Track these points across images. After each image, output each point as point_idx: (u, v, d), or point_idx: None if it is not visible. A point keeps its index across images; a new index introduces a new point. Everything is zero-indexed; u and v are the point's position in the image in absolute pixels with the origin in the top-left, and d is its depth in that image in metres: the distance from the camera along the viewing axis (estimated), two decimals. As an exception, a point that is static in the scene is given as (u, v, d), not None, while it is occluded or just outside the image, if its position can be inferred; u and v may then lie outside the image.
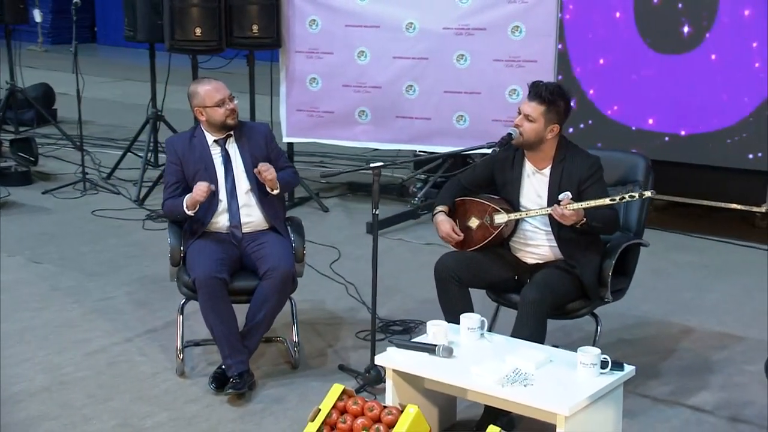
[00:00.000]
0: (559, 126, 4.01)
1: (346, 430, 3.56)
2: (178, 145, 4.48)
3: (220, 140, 4.46)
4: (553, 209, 3.86)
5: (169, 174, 4.46)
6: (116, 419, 4.00)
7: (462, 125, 6.84)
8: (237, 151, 4.46)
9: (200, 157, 4.42)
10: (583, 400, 3.30)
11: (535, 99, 4.01)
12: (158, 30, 7.47)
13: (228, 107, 4.39)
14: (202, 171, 4.40)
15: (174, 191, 4.42)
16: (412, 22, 6.81)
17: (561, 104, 4.01)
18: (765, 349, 4.69)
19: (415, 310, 5.19)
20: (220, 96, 4.38)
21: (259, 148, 4.49)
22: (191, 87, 4.49)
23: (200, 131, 4.49)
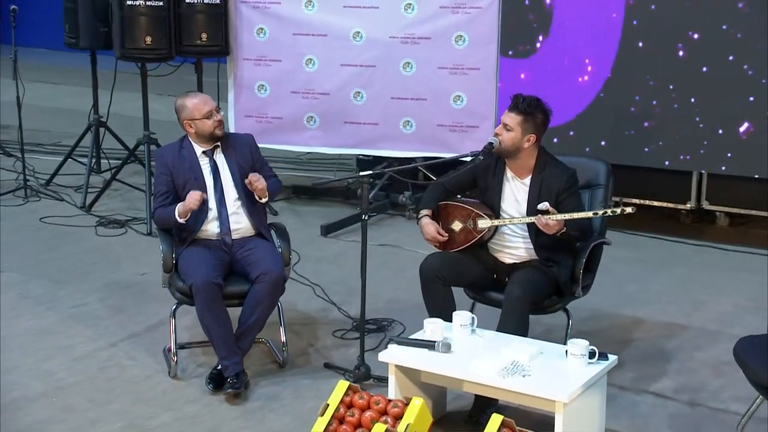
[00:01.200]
0: (536, 136, 4.33)
1: (355, 423, 3.81)
2: (167, 156, 4.64)
3: (208, 151, 4.64)
4: (537, 219, 4.17)
5: (159, 184, 4.61)
6: (122, 421, 4.16)
7: (408, 130, 7.13)
8: (224, 162, 4.65)
9: (189, 167, 4.59)
10: (578, 388, 3.63)
11: (513, 110, 4.33)
12: (101, 37, 7.55)
13: (215, 119, 4.58)
14: (191, 181, 4.57)
15: (164, 200, 4.58)
16: (359, 31, 7.05)
17: (539, 116, 4.33)
18: (709, 336, 5.13)
19: (383, 308, 5.44)
20: (207, 108, 4.56)
21: (245, 158, 4.68)
22: (179, 101, 4.65)
23: (188, 143, 4.66)
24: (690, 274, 6.15)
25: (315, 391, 4.47)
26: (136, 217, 7.22)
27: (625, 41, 6.51)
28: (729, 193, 6.87)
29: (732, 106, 6.32)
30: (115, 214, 7.28)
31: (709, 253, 6.61)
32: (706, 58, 6.34)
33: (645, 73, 6.50)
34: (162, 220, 4.60)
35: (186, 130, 4.63)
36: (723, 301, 5.64)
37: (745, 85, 6.25)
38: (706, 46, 6.32)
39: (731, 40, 6.24)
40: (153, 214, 4.70)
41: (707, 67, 6.34)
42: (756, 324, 5.13)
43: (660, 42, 6.44)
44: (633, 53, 6.51)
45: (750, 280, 5.93)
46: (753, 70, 6.21)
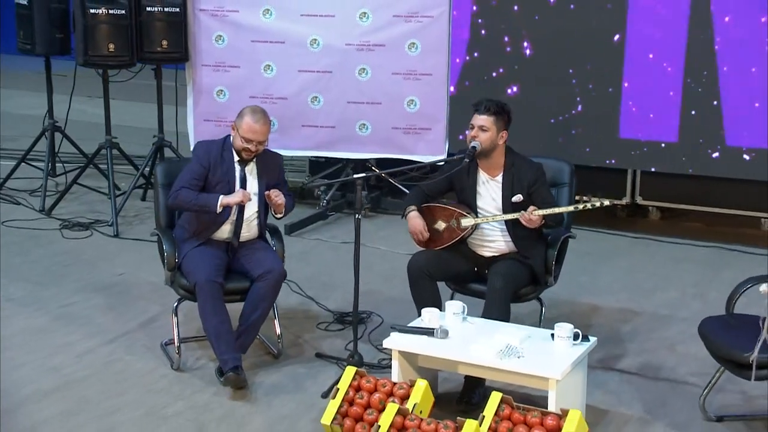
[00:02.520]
0: (506, 132, 4.76)
1: (364, 404, 4.17)
2: (212, 152, 4.88)
3: (241, 161, 4.90)
4: (521, 215, 4.59)
5: (193, 172, 4.83)
6: (138, 410, 4.42)
7: (364, 133, 7.49)
8: (255, 175, 4.92)
9: (226, 171, 4.85)
10: (568, 366, 4.06)
11: (485, 112, 4.74)
12: (56, 43, 7.74)
13: (249, 147, 4.81)
14: (224, 183, 4.84)
15: (193, 186, 4.81)
16: (316, 38, 7.38)
17: (505, 114, 4.76)
18: (660, 320, 5.63)
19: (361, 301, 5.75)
20: (252, 137, 4.80)
21: (272, 176, 4.98)
22: (245, 109, 4.88)
23: (229, 146, 4.91)
24: (634, 264, 6.67)
25: (312, 379, 4.79)
26: (99, 219, 7.40)
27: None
28: (661, 189, 7.45)
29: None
30: (76, 217, 7.44)
31: (647, 245, 7.14)
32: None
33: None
34: (189, 201, 4.79)
35: (231, 131, 4.89)
36: (669, 288, 6.16)
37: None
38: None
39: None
40: (178, 191, 4.83)
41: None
42: (701, 308, 5.65)
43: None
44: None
45: (691, 269, 6.48)
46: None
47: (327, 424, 4.11)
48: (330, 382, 4.69)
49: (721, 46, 6.70)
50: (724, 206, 7.29)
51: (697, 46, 6.75)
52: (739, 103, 6.72)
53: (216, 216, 4.80)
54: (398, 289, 5.92)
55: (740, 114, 6.73)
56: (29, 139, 8.23)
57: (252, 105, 5.03)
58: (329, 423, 4.11)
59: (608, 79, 7.01)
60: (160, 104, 7.79)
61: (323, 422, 4.12)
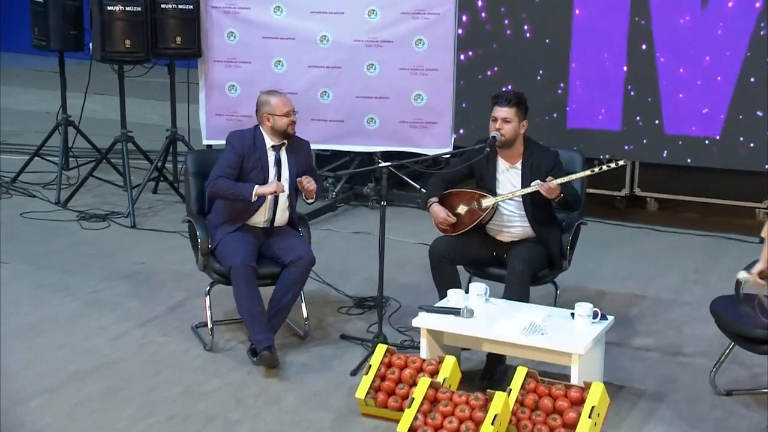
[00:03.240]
0: (527, 121, 5.00)
1: (396, 379, 4.41)
2: (245, 139, 5.13)
3: (276, 146, 5.13)
4: (540, 184, 4.81)
5: (229, 160, 5.06)
6: (178, 387, 4.65)
7: (372, 126, 7.71)
8: (286, 160, 5.16)
9: (259, 157, 5.09)
10: (589, 342, 4.31)
11: (506, 104, 4.98)
12: (70, 39, 7.93)
13: (292, 119, 5.08)
14: (258, 170, 5.08)
15: (229, 174, 5.03)
16: (326, 34, 7.60)
17: (523, 105, 5.01)
18: (665, 304, 5.89)
19: (376, 288, 5.98)
20: (287, 108, 5.09)
21: (301, 160, 5.24)
22: (262, 97, 5.17)
23: (260, 134, 5.15)
24: (635, 252, 6.94)
25: (339, 359, 5.03)
26: (114, 211, 7.59)
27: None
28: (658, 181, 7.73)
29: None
30: (91, 209, 7.63)
31: (646, 234, 7.41)
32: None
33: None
34: (226, 189, 5.01)
35: (263, 123, 5.13)
36: (670, 274, 6.43)
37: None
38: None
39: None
40: (215, 180, 5.05)
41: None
42: (703, 292, 5.92)
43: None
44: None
45: (690, 257, 6.75)
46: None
47: (361, 398, 4.35)
48: (356, 362, 4.93)
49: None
50: (719, 197, 7.58)
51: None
52: (676, 92, 6.98)
53: (251, 203, 5.02)
54: (411, 276, 6.19)
55: (677, 102, 6.99)
56: (32, 134, 8.39)
57: (263, 91, 5.29)
58: (363, 397, 4.34)
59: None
60: (173, 99, 8.00)
61: (358, 396, 4.36)
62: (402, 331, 5.31)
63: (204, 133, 7.87)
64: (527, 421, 4.12)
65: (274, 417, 4.39)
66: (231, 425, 4.30)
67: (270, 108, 5.13)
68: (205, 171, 5.29)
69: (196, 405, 4.48)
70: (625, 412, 4.47)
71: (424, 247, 6.73)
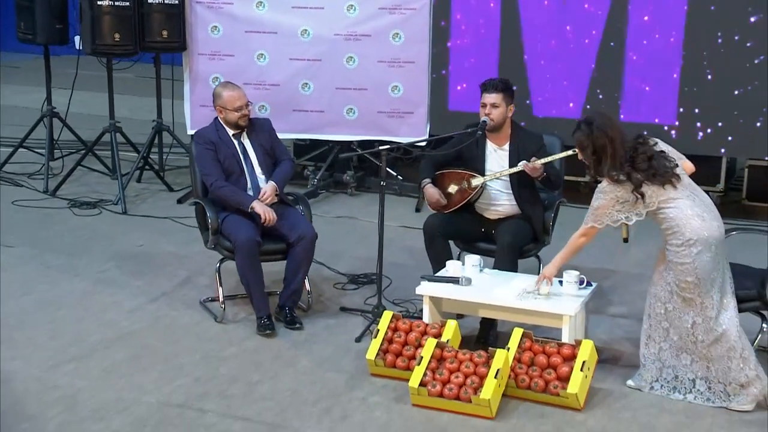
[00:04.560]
0: (513, 106, 5.44)
1: (402, 342, 4.82)
2: (211, 135, 5.49)
3: (236, 134, 5.50)
4: (525, 165, 5.25)
5: (209, 159, 5.44)
6: (197, 354, 5.01)
7: (351, 117, 8.11)
8: (250, 144, 5.53)
9: (227, 146, 5.45)
10: (578, 305, 4.77)
11: (493, 91, 5.41)
12: (56, 33, 8.22)
13: (243, 113, 5.45)
14: (230, 158, 5.44)
15: (216, 172, 5.41)
16: (307, 29, 7.97)
17: (509, 90, 5.45)
18: (634, 277, 6.37)
19: (365, 266, 6.39)
20: (239, 103, 5.46)
21: (265, 139, 5.60)
22: (217, 89, 5.54)
23: (221, 126, 5.52)
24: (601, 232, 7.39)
25: (342, 328, 5.43)
26: (103, 199, 7.89)
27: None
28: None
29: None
30: (80, 197, 7.91)
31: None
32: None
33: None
34: (228, 196, 5.39)
35: (218, 114, 5.48)
36: (636, 250, 6.92)
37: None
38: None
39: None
40: (217, 186, 5.41)
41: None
42: (668, 266, 6.41)
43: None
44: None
45: (653, 234, 7.10)
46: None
47: (371, 359, 4.76)
48: (359, 331, 5.33)
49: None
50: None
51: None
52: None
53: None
54: (397, 255, 6.59)
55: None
56: (9, 127, 8.62)
57: (219, 83, 5.69)
58: (373, 358, 4.75)
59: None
60: (158, 90, 8.32)
61: (368, 357, 4.77)
62: (397, 303, 5.72)
63: (189, 123, 8.19)
64: (524, 375, 4.57)
65: (292, 378, 4.77)
66: (253, 385, 4.68)
67: (222, 102, 5.52)
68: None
69: (218, 368, 4.85)
70: (609, 369, 4.94)
71: (405, 230, 7.24)
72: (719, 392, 4.53)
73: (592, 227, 4.65)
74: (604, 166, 4.51)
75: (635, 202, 4.49)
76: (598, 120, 4.57)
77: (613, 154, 4.48)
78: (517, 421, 4.41)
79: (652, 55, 7.47)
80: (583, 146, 4.57)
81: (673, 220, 4.49)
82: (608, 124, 4.55)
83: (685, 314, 4.51)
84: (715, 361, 4.50)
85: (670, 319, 4.56)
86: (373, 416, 4.42)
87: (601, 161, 4.51)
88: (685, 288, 4.47)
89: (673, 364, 4.59)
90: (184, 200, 7.80)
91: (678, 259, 4.48)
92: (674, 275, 4.51)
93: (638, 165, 4.47)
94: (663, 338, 4.60)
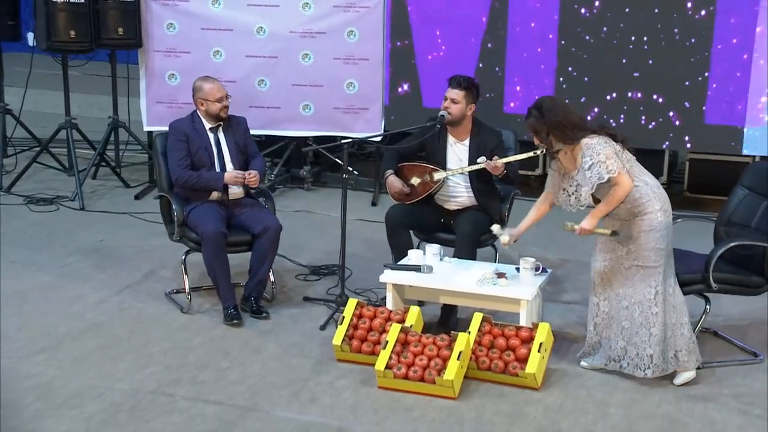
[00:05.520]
0: (474, 105, 5.63)
1: (367, 328, 4.98)
2: (184, 126, 5.61)
3: (213, 128, 5.62)
4: (486, 163, 5.44)
5: (178, 150, 5.55)
6: (166, 343, 5.12)
7: (308, 113, 8.24)
8: (224, 139, 5.65)
9: (201, 139, 5.57)
10: (535, 290, 4.98)
11: (456, 87, 5.60)
12: (8, 30, 8.24)
13: (224, 104, 5.57)
14: (202, 150, 5.56)
15: (185, 164, 5.52)
16: (262, 26, 8.09)
17: (474, 89, 5.64)
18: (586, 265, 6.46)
19: (325, 258, 6.55)
20: (220, 94, 5.57)
21: (240, 136, 5.73)
22: (197, 83, 5.67)
23: (198, 118, 5.62)
24: (553, 224, 7.59)
25: (306, 316, 5.57)
26: (59, 195, 7.92)
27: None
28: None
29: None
30: (35, 194, 7.94)
31: (559, 209, 8.01)
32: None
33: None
34: (194, 181, 5.51)
35: (198, 107, 5.59)
36: (586, 241, 7.09)
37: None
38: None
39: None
40: (179, 174, 5.53)
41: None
42: (618, 255, 6.65)
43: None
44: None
45: (602, 226, 7.49)
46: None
47: (338, 344, 4.91)
48: (323, 319, 5.48)
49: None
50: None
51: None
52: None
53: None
54: (356, 247, 6.72)
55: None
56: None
57: (198, 78, 5.79)
58: (339, 344, 4.90)
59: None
60: (114, 87, 8.37)
61: (335, 343, 4.92)
62: (359, 293, 5.88)
63: (145, 120, 8.25)
64: (485, 357, 4.76)
65: (260, 364, 4.91)
66: (222, 371, 4.81)
67: (203, 94, 5.64)
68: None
69: (187, 356, 4.96)
70: (564, 351, 5.15)
71: (363, 223, 7.40)
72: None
73: (620, 174, 4.62)
74: (570, 135, 4.65)
75: (620, 152, 4.65)
76: (547, 103, 4.76)
77: (572, 122, 4.67)
78: (479, 400, 4.60)
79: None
80: (537, 130, 4.75)
81: (648, 186, 4.69)
82: (556, 104, 4.78)
83: (647, 286, 4.70)
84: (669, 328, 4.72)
85: (627, 296, 4.75)
86: (341, 398, 4.57)
87: (565, 134, 4.66)
88: (654, 258, 4.66)
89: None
90: (143, 196, 7.87)
91: (650, 227, 4.66)
92: (642, 245, 4.67)
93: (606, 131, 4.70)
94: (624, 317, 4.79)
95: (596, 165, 4.62)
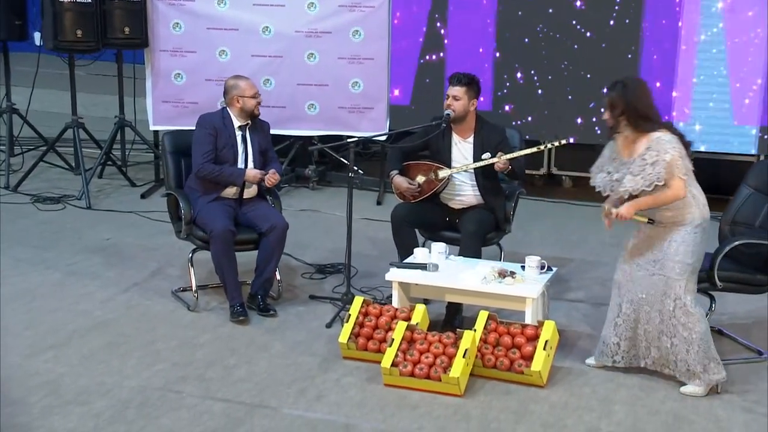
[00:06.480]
0: (476, 101, 5.65)
1: (373, 326, 5.01)
2: (214, 121, 5.66)
3: (242, 126, 5.65)
4: (492, 159, 5.46)
5: (206, 143, 5.57)
6: (173, 341, 5.15)
7: (313, 112, 8.28)
8: (250, 139, 5.69)
9: (229, 136, 5.62)
10: (540, 288, 5.00)
11: (457, 84, 5.62)
12: (15, 29, 8.27)
13: (258, 100, 5.63)
14: (228, 147, 5.61)
15: (209, 157, 5.54)
16: (268, 26, 8.12)
17: (474, 85, 5.66)
18: (589, 264, 6.64)
19: (331, 256, 6.58)
20: (254, 90, 5.65)
21: (263, 139, 5.77)
22: (231, 81, 5.72)
23: (228, 115, 5.67)
24: (557, 223, 7.70)
25: (312, 314, 5.60)
26: (65, 194, 7.96)
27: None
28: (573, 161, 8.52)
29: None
30: (42, 193, 7.97)
31: (564, 208, 8.20)
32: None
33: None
34: (220, 173, 5.54)
35: (232, 105, 5.66)
36: (591, 240, 7.20)
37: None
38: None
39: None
40: (202, 166, 5.54)
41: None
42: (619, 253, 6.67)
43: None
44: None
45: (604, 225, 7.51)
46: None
47: (344, 342, 4.94)
48: (329, 317, 5.50)
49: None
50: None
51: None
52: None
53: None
54: (360, 245, 6.78)
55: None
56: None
57: (230, 77, 5.83)
58: (346, 341, 4.93)
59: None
60: (120, 86, 8.40)
61: (341, 341, 4.95)
62: (364, 291, 5.90)
63: (151, 119, 8.30)
64: (491, 355, 4.78)
65: (267, 361, 4.94)
66: (230, 369, 4.84)
67: (239, 90, 5.66)
68: (180, 150, 5.80)
69: (194, 354, 4.99)
70: (569, 348, 5.18)
71: (368, 222, 7.43)
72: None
73: (679, 179, 4.55)
74: (641, 124, 4.58)
75: (685, 157, 4.59)
76: (634, 83, 4.73)
77: (649, 112, 4.59)
78: (485, 397, 4.62)
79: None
80: (614, 105, 4.66)
81: (696, 200, 4.66)
82: (642, 88, 4.70)
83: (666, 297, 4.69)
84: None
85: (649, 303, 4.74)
86: (347, 396, 4.60)
87: (638, 120, 4.58)
88: (678, 270, 4.65)
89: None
90: (149, 195, 7.91)
91: (683, 240, 4.65)
92: (671, 255, 4.66)
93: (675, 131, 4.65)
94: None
95: (660, 164, 4.53)
